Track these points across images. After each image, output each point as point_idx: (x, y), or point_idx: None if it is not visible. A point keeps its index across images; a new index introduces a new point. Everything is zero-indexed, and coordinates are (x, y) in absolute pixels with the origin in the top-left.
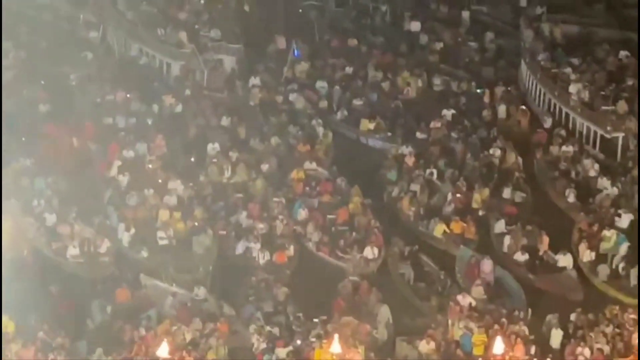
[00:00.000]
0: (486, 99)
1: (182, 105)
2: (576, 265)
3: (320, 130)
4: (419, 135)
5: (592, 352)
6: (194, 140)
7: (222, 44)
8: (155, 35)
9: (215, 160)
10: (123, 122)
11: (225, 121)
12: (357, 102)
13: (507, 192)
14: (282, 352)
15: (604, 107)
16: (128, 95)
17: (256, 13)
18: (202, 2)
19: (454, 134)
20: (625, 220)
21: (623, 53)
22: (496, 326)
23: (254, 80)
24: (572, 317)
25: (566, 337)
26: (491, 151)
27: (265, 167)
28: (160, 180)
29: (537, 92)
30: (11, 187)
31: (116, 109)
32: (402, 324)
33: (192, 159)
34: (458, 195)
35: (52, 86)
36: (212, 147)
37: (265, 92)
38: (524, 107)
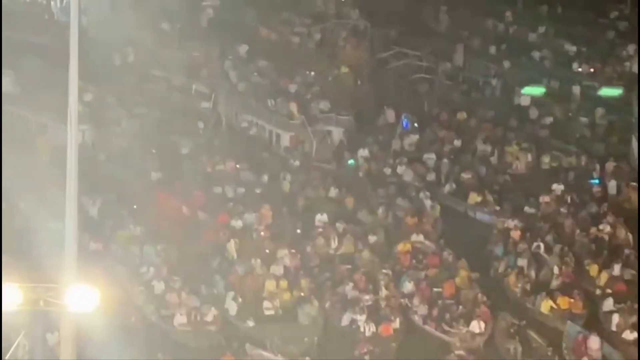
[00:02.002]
0: (596, 175)
1: (291, 176)
2: None
3: (428, 202)
4: (527, 209)
5: None
6: (302, 211)
7: (331, 115)
8: (266, 106)
9: (322, 231)
10: (232, 191)
11: (333, 192)
12: (466, 175)
13: (616, 269)
14: None
15: None
16: (237, 166)
17: (366, 86)
18: (312, 74)
19: (563, 209)
20: None
21: None
22: None
23: (363, 152)
24: None
25: None
26: (601, 227)
27: (372, 238)
28: (267, 250)
29: None
30: (120, 253)
31: (225, 178)
32: None
33: (300, 230)
34: (566, 269)
35: (164, 155)
36: (320, 218)
37: (373, 164)
38: (634, 183)
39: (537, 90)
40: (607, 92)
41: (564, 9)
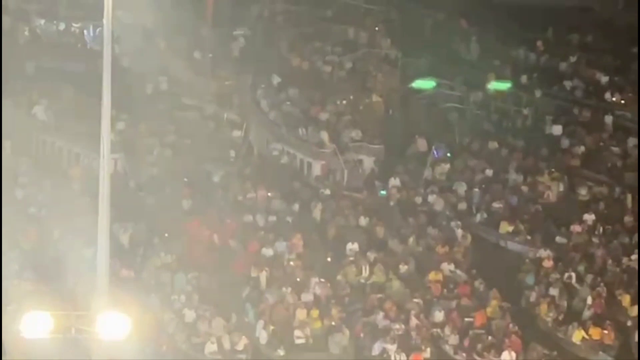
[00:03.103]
0: (629, 205)
1: (322, 205)
2: None
3: (459, 232)
4: (558, 239)
5: None
6: (333, 240)
7: (362, 144)
8: (297, 135)
9: (353, 259)
10: (263, 220)
11: (363, 221)
12: (497, 205)
13: None
14: None
15: None
16: (269, 194)
17: (397, 114)
18: (343, 102)
19: (594, 239)
20: None
21: None
22: None
23: (394, 181)
24: None
25: None
26: (633, 257)
27: (403, 268)
28: (298, 279)
29: None
30: (151, 281)
31: (257, 207)
32: None
33: (330, 259)
34: (598, 300)
35: (195, 183)
36: (351, 247)
37: (404, 193)
38: None
39: (427, 84)
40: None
41: (595, 38)
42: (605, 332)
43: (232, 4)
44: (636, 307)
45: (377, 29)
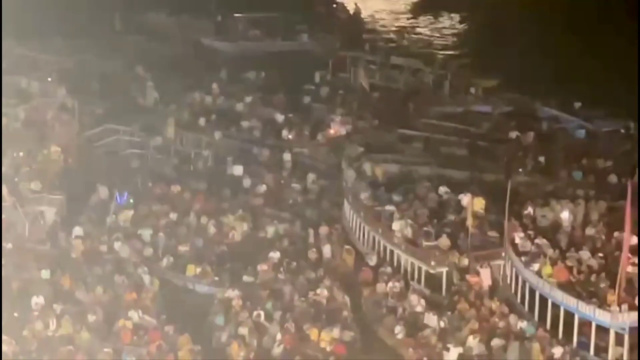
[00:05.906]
0: (311, 240)
1: (5, 259)
2: None
3: (147, 278)
4: (245, 278)
5: None
6: (17, 295)
7: (43, 195)
8: None
9: (39, 313)
10: None
11: (48, 274)
12: (183, 248)
13: (336, 332)
14: None
15: (426, 243)
16: None
17: (77, 163)
18: (20, 154)
19: (280, 276)
20: (453, 353)
21: (443, 189)
22: None
23: (77, 231)
24: None
25: None
26: (318, 291)
27: (91, 318)
28: None
29: (362, 231)
30: None
31: None
32: None
33: (16, 314)
34: (287, 335)
35: None
36: (36, 301)
37: (88, 242)
38: (348, 246)
39: None
40: None
41: (268, 76)
42: None
43: None
44: (325, 338)
45: (49, 79)
